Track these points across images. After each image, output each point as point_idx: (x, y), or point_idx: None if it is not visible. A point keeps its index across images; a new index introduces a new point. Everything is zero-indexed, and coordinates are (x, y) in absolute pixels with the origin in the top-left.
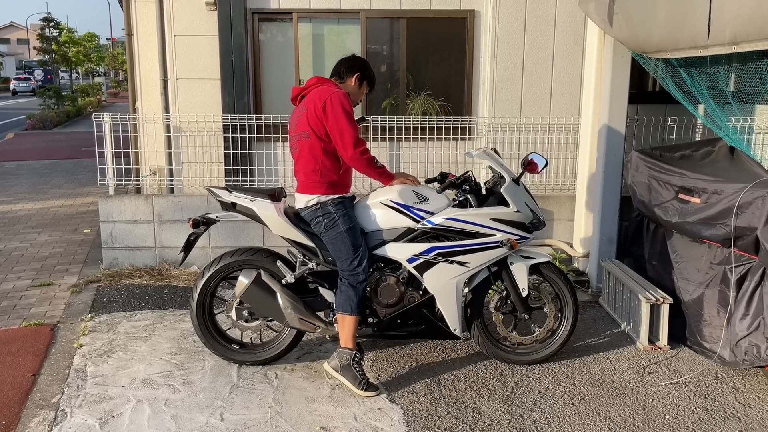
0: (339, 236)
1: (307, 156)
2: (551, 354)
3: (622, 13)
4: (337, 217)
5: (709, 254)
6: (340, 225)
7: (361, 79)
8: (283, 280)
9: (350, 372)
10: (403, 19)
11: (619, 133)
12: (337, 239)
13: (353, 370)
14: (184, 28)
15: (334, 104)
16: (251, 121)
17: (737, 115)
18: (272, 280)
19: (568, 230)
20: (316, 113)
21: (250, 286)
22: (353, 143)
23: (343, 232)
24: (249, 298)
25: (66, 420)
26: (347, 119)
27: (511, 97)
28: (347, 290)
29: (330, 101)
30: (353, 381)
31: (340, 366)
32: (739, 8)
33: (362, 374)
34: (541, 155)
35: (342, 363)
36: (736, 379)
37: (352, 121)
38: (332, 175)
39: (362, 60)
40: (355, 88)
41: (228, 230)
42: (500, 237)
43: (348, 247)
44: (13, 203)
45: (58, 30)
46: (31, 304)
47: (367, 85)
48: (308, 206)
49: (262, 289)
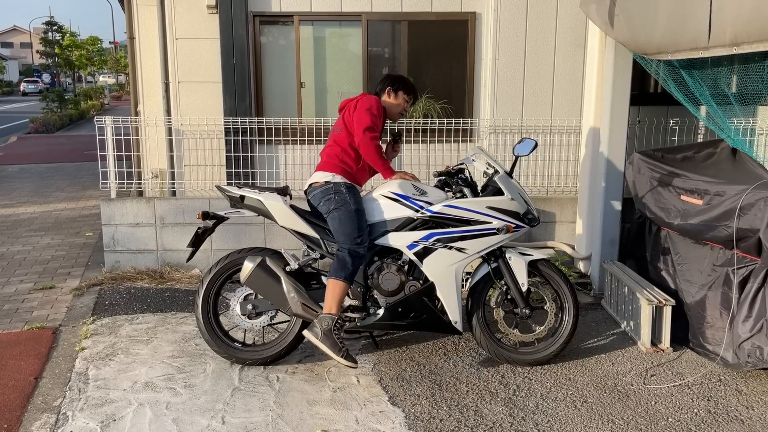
0: (348, 214)
1: (333, 144)
2: (553, 354)
3: (623, 14)
4: (348, 197)
5: (712, 256)
6: (351, 204)
7: (395, 90)
8: (287, 267)
9: (330, 338)
10: (404, 22)
11: (620, 134)
12: (345, 217)
13: (333, 337)
14: (185, 31)
15: (362, 102)
16: (252, 123)
17: (739, 117)
18: (276, 266)
19: (570, 232)
20: (349, 111)
21: (255, 270)
22: (364, 128)
23: (352, 211)
24: (253, 282)
25: (68, 423)
26: (368, 113)
27: (512, 99)
28: (345, 258)
29: (361, 100)
30: (333, 348)
31: (321, 332)
32: (739, 9)
33: (342, 342)
34: (532, 139)
35: (323, 329)
36: (739, 381)
37: (372, 116)
38: (351, 164)
39: (392, 75)
40: (392, 101)
41: (230, 232)
42: (496, 224)
43: (354, 225)
44: (15, 206)
45: (61, 34)
46: (34, 307)
47: (404, 93)
48: (321, 183)
49: (266, 274)
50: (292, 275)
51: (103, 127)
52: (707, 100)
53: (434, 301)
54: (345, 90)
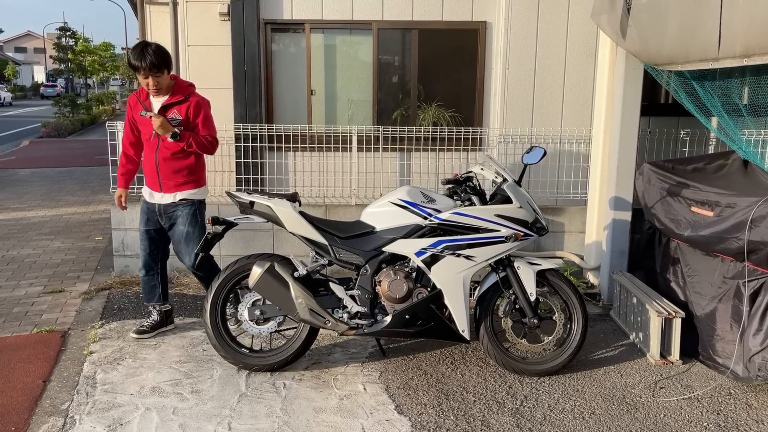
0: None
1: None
2: (561, 365)
3: (634, 25)
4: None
5: (722, 268)
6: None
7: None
8: (295, 273)
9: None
10: (415, 30)
11: (630, 145)
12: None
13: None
14: (197, 38)
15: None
16: (263, 130)
17: (751, 128)
18: (285, 271)
19: (579, 242)
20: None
21: (264, 275)
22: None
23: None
24: (262, 287)
25: (75, 427)
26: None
27: (522, 109)
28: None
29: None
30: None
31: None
32: (750, 21)
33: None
34: (541, 147)
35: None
36: (749, 395)
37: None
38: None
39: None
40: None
41: (238, 239)
42: (505, 232)
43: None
44: (26, 210)
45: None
46: (43, 310)
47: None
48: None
49: (275, 279)
50: (301, 281)
51: (114, 132)
52: (719, 112)
53: (442, 309)
54: (355, 97)
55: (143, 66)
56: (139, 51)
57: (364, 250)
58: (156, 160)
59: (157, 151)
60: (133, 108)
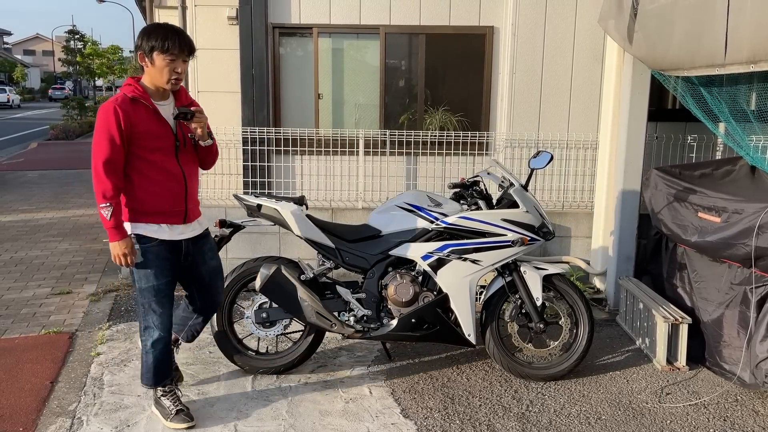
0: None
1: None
2: (567, 370)
3: (641, 30)
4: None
5: (729, 274)
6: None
7: (148, 53)
8: (302, 276)
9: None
10: (422, 35)
11: (637, 150)
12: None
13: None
14: (206, 41)
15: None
16: (270, 134)
17: (758, 134)
18: (292, 274)
19: (586, 247)
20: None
21: (271, 277)
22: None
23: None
24: (268, 290)
25: (82, 428)
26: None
27: (529, 113)
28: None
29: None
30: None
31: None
32: (757, 27)
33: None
34: (548, 152)
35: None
36: (756, 401)
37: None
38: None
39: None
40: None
41: (246, 241)
42: (511, 236)
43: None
44: (35, 212)
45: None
46: (51, 312)
47: (160, 52)
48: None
49: (281, 282)
50: (307, 284)
51: None
52: (726, 117)
53: (448, 313)
54: (362, 102)
55: (185, 50)
56: (172, 33)
57: (370, 253)
58: (184, 179)
59: (181, 166)
60: (132, 114)
